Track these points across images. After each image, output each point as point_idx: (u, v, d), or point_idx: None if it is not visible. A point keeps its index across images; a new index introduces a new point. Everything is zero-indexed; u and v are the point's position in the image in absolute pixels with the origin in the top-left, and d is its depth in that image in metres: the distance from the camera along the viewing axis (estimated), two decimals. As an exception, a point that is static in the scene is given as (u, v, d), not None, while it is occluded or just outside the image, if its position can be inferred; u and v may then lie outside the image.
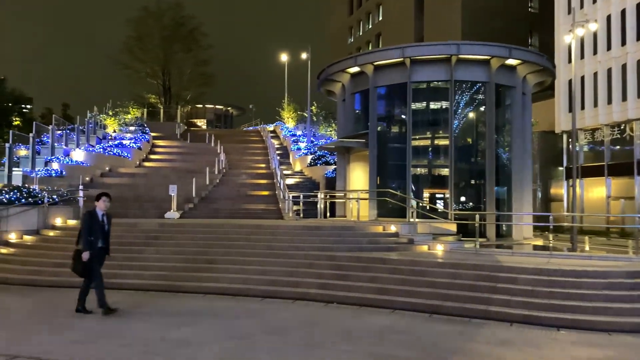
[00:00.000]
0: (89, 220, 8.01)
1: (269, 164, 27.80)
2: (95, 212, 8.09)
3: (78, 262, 7.93)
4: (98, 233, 8.03)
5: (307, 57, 32.03)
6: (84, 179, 19.76)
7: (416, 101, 16.24)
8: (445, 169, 16.12)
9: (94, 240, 7.97)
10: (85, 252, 7.84)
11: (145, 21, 44.74)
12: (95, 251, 7.95)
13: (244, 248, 11.91)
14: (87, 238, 7.90)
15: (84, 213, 8.16)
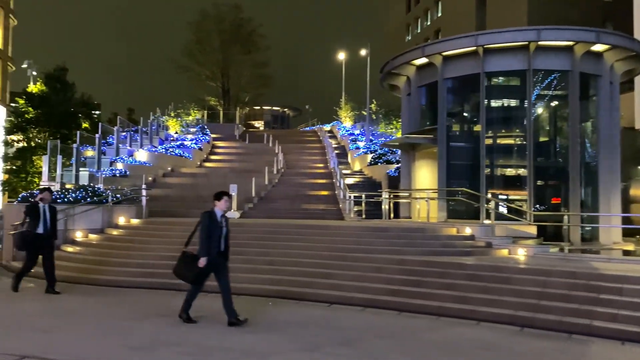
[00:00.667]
0: (209, 221, 7.06)
1: (327, 163, 27.27)
2: (214, 213, 7.16)
3: (189, 268, 7.06)
4: (216, 236, 7.09)
5: (366, 54, 31.20)
6: (147, 178, 19.96)
7: (490, 93, 14.99)
8: (522, 167, 14.78)
9: (213, 244, 7.05)
10: (202, 257, 6.94)
11: (205, 25, 45.58)
12: (213, 257, 7.06)
13: (306, 249, 11.28)
14: (205, 242, 6.97)
15: (203, 213, 7.20)
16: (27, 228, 9.38)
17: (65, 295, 9.17)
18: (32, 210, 9.45)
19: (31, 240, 9.34)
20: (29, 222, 9.41)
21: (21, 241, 9.41)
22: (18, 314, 7.64)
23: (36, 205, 9.53)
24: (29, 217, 9.44)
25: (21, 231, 9.55)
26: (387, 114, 30.54)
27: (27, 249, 9.43)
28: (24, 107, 27.34)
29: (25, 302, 8.54)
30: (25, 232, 9.38)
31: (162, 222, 14.33)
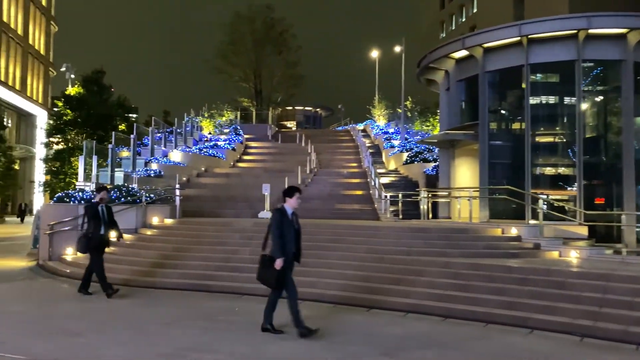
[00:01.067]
0: (280, 219, 6.52)
1: (361, 163, 26.77)
2: (285, 210, 6.62)
3: (269, 271, 6.49)
4: (290, 235, 6.57)
5: (400, 50, 30.49)
6: (181, 178, 19.95)
7: (535, 86, 14.17)
8: (569, 164, 13.90)
9: (287, 244, 6.51)
10: (279, 258, 6.39)
11: (238, 26, 45.78)
12: (288, 257, 6.54)
13: (342, 250, 10.84)
14: (279, 241, 6.43)
15: (273, 210, 6.72)
16: (91, 230, 8.91)
17: (98, 297, 9.02)
18: (93, 212, 9.04)
19: (98, 242, 8.98)
20: (90, 223, 8.97)
21: (87, 244, 8.92)
22: (50, 315, 7.49)
23: (96, 205, 9.14)
24: (89, 218, 9.01)
25: (86, 233, 8.99)
26: (422, 112, 29.75)
27: (93, 252, 8.98)
28: (62, 109, 27.97)
29: (58, 304, 8.42)
30: (91, 234, 8.91)
31: (196, 222, 14.17)
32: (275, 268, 6.40)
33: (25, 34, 47.34)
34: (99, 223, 9.01)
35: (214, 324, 7.16)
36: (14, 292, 9.22)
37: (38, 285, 10.06)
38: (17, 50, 45.84)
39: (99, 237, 8.99)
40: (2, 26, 43.01)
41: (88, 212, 9.08)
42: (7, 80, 43.67)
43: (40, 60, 50.91)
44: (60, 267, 11.65)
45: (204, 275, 10.22)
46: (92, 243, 8.92)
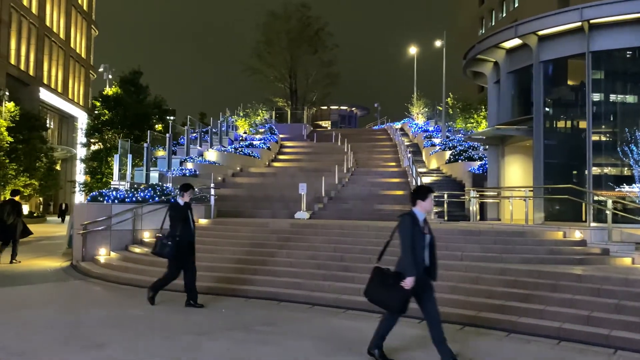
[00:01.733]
0: (412, 228, 5.19)
1: (400, 162, 25.85)
2: (416, 216, 5.31)
3: (393, 292, 5.16)
4: (421, 246, 5.27)
5: (441, 45, 29.32)
6: (216, 178, 19.57)
7: (597, 77, 12.94)
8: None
9: (419, 258, 5.19)
10: (410, 277, 5.07)
11: (273, 25, 45.51)
12: (420, 274, 5.17)
13: (386, 254, 9.99)
14: (411, 255, 5.11)
15: (402, 216, 5.34)
16: (179, 232, 7.82)
17: (128, 301, 8.53)
18: (180, 212, 7.96)
19: (187, 248, 7.95)
20: (176, 225, 7.88)
21: (175, 249, 7.78)
22: (77, 322, 7.00)
23: (186, 206, 8.09)
24: (176, 220, 7.93)
25: (172, 236, 7.83)
26: (465, 108, 28.49)
27: (178, 258, 7.89)
28: (100, 109, 28.20)
29: (87, 309, 7.95)
30: (179, 237, 7.81)
31: (231, 222, 13.65)
32: (402, 288, 5.07)
33: (67, 38, 48.56)
34: (187, 225, 7.94)
35: (253, 335, 6.49)
36: (43, 295, 8.85)
37: (68, 288, 9.68)
38: (59, 53, 47.07)
39: (188, 241, 7.96)
40: (45, 30, 44.19)
41: (173, 212, 8.01)
42: (49, 83, 44.85)
43: (81, 64, 52.18)
44: (93, 269, 11.30)
45: (239, 279, 9.61)
46: (182, 248, 7.83)
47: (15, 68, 39.07)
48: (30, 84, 40.89)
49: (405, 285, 5.09)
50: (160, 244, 7.89)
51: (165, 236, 7.91)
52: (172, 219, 7.99)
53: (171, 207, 8.16)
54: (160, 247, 7.89)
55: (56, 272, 11.47)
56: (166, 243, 7.83)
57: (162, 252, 7.90)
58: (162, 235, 7.97)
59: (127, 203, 12.96)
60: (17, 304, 7.95)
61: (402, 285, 5.10)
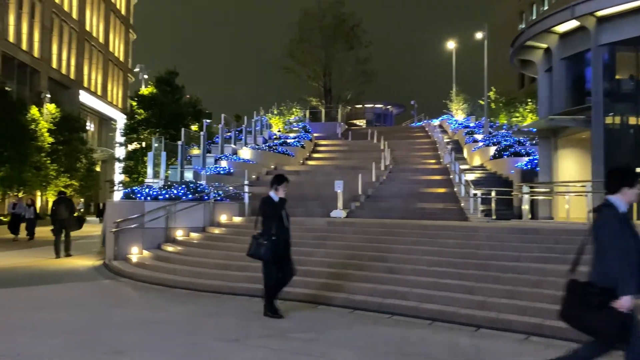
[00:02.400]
0: (619, 227, 3.78)
1: (440, 159, 24.75)
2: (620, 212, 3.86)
3: (603, 315, 3.75)
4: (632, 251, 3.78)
5: (482, 37, 28.03)
6: (250, 176, 19.11)
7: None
8: None
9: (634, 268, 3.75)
10: (626, 295, 3.68)
11: (307, 23, 45.02)
12: None
13: (431, 254, 9.20)
14: (625, 265, 3.70)
15: (599, 210, 3.94)
16: (274, 231, 6.94)
17: (157, 303, 8.05)
18: (274, 208, 7.04)
19: (283, 248, 7.02)
20: (270, 222, 6.99)
21: (274, 249, 6.89)
22: (98, 325, 6.49)
23: (275, 200, 7.14)
24: (270, 216, 7.04)
25: (269, 235, 6.92)
26: (508, 103, 27.11)
27: (274, 259, 6.99)
28: (135, 108, 28.35)
29: (112, 310, 7.48)
30: (275, 236, 6.92)
31: (265, 220, 13.07)
32: (616, 310, 3.72)
33: (106, 42, 49.57)
34: (281, 223, 7.05)
35: (290, 343, 5.83)
36: (69, 295, 8.47)
37: (97, 287, 9.30)
38: (98, 57, 48.06)
39: (285, 241, 7.06)
40: (85, 35, 45.18)
41: (266, 207, 7.09)
42: (89, 86, 45.83)
43: (119, 67, 53.19)
44: (124, 268, 10.94)
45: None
46: (277, 249, 6.93)
47: (57, 72, 40.02)
48: (71, 87, 41.83)
49: (621, 306, 3.71)
50: (255, 245, 6.98)
51: (260, 235, 7.00)
52: (265, 216, 7.08)
53: (264, 203, 7.18)
54: (255, 248, 6.98)
55: (88, 271, 11.19)
56: (262, 243, 6.90)
57: (257, 254, 6.95)
58: (258, 234, 7.04)
59: (160, 200, 12.60)
60: (42, 304, 7.57)
61: (615, 306, 3.73)
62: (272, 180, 7.34)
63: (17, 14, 34.75)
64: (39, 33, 37.35)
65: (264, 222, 7.05)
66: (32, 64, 36.14)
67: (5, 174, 23.33)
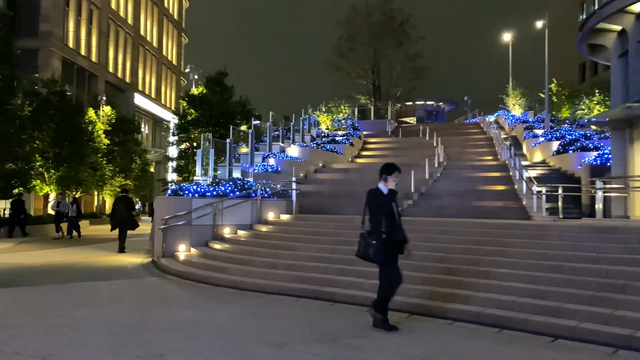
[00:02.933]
0: None
1: (497, 155, 23.48)
2: None
3: None
4: None
5: (543, 26, 26.37)
6: (298, 174, 18.77)
7: None
8: None
9: None
10: None
11: (355, 20, 44.39)
12: None
13: (496, 255, 8.37)
14: None
15: None
16: (384, 228, 5.89)
17: (201, 302, 7.70)
18: (383, 201, 6.00)
19: (395, 247, 6.01)
20: (379, 218, 5.95)
21: (387, 249, 5.90)
22: (138, 325, 6.16)
23: (384, 192, 6.06)
24: (375, 211, 6.03)
25: (378, 233, 5.91)
26: (571, 95, 25.35)
27: (390, 261, 6.00)
28: (186, 108, 28.74)
29: (153, 310, 7.17)
30: (386, 234, 5.90)
31: (314, 218, 12.62)
32: None
33: (159, 46, 50.97)
34: (393, 217, 6.00)
35: (341, 350, 5.25)
36: (114, 293, 8.28)
37: (143, 285, 9.10)
38: (152, 61, 49.48)
39: (396, 238, 6.03)
40: (140, 39, 46.61)
41: (376, 203, 6.04)
42: (144, 89, 47.24)
43: (172, 70, 54.58)
44: (171, 265, 10.74)
45: (323, 280, 8.46)
46: (391, 247, 5.96)
47: (113, 76, 41.44)
48: (126, 91, 43.21)
49: None
50: (364, 244, 6.06)
51: (368, 233, 6.06)
52: (373, 211, 6.07)
53: (371, 196, 6.14)
54: (364, 249, 6.05)
55: (135, 269, 11.09)
56: (370, 242, 5.96)
57: (366, 255, 6.05)
58: (366, 232, 6.11)
59: (207, 197, 12.38)
60: (87, 302, 7.39)
61: None
62: (381, 169, 6.26)
63: (76, 20, 36.21)
64: (96, 38, 38.79)
65: (372, 219, 6.06)
66: (90, 69, 37.55)
67: (63, 174, 24.15)
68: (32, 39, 32.01)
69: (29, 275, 9.84)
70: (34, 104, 22.76)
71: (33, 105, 22.54)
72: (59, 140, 24.15)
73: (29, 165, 21.67)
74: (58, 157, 24.14)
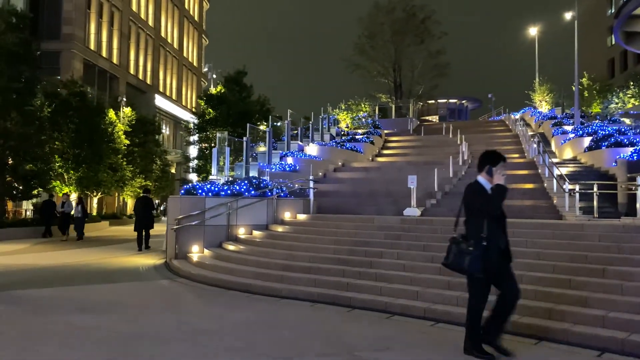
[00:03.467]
0: None
1: (524, 153, 22.54)
2: None
3: None
4: None
5: (572, 17, 25.25)
6: (317, 173, 18.24)
7: None
8: None
9: None
10: None
11: (376, 18, 43.68)
12: None
13: (527, 257, 7.67)
14: None
15: None
16: (485, 233, 4.66)
17: (209, 307, 7.21)
18: (486, 199, 4.76)
19: (498, 257, 4.75)
20: (479, 220, 4.71)
21: (481, 259, 4.65)
22: (136, 334, 5.70)
23: (486, 188, 4.83)
24: (475, 211, 4.79)
25: (477, 239, 4.69)
26: (602, 89, 24.18)
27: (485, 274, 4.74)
28: (204, 108, 28.52)
29: (156, 316, 6.72)
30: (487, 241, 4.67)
31: (332, 218, 12.05)
32: None
33: (180, 47, 51.16)
34: (499, 221, 4.80)
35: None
36: (118, 296, 7.85)
37: (151, 288, 8.66)
38: (173, 63, 49.68)
39: (501, 245, 4.77)
40: (161, 41, 46.81)
41: (477, 200, 4.78)
42: (164, 90, 47.43)
43: (193, 72, 54.75)
44: (183, 267, 10.32)
45: (340, 283, 7.90)
46: (492, 257, 4.69)
47: (134, 77, 41.65)
48: (147, 92, 43.40)
49: None
50: (456, 252, 4.80)
51: (462, 238, 4.82)
52: (471, 212, 4.85)
53: (472, 193, 4.87)
54: (456, 257, 4.79)
55: (147, 270, 10.70)
56: (465, 250, 4.72)
57: (459, 264, 4.78)
58: (459, 236, 4.88)
59: (221, 197, 11.95)
60: (86, 306, 6.96)
61: None
62: (482, 159, 5.00)
63: (97, 22, 36.45)
64: (117, 40, 39.02)
65: (470, 221, 4.85)
66: (111, 70, 37.77)
67: (82, 174, 24.14)
68: (54, 42, 32.33)
69: (36, 276, 9.53)
70: (54, 105, 22.77)
71: (52, 106, 22.55)
72: (78, 141, 24.16)
73: (48, 166, 21.67)
74: (77, 158, 24.14)
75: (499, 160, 4.93)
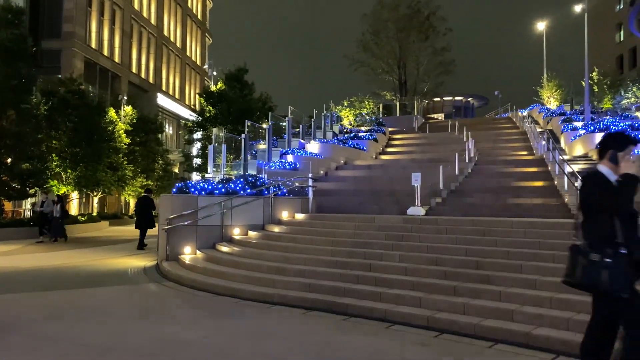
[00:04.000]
0: None
1: (532, 150, 21.85)
2: None
3: None
4: None
5: (582, 9, 24.50)
6: (318, 171, 17.67)
7: None
8: None
9: None
10: None
11: (380, 14, 43.03)
12: None
13: (542, 260, 7.09)
14: None
15: None
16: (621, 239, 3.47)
17: (194, 316, 6.66)
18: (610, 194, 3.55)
19: None
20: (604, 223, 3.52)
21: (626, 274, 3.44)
22: (106, 348, 5.16)
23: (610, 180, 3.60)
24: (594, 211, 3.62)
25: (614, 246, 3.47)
26: (613, 84, 23.43)
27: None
28: (204, 105, 28.01)
29: (136, 325, 6.17)
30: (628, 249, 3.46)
31: (331, 217, 11.47)
32: None
33: (183, 46, 50.72)
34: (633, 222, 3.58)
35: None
36: (97, 302, 7.30)
37: (134, 293, 8.10)
38: (176, 61, 49.24)
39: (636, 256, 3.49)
40: (163, 40, 46.38)
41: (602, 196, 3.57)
42: (167, 89, 46.99)
43: (196, 71, 54.29)
44: (173, 270, 9.77)
45: (336, 288, 7.31)
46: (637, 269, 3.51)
47: (136, 76, 41.23)
48: (150, 91, 42.97)
49: None
50: (587, 265, 3.51)
51: (590, 247, 3.54)
52: (591, 209, 3.64)
53: (590, 185, 3.70)
54: (588, 272, 3.51)
55: (136, 273, 10.17)
56: (599, 262, 3.45)
57: (594, 280, 3.48)
58: (584, 244, 3.61)
59: (215, 195, 11.39)
60: (59, 314, 6.42)
61: None
62: (604, 141, 3.81)
63: (98, 20, 36.05)
64: (119, 39, 38.61)
65: (590, 221, 3.63)
66: (113, 69, 37.36)
67: (80, 174, 23.69)
68: (55, 40, 31.95)
69: (17, 280, 9.02)
70: (50, 103, 22.32)
71: (49, 104, 22.09)
72: (76, 139, 23.70)
73: (45, 165, 21.23)
74: (75, 157, 23.69)
75: (627, 143, 3.66)
